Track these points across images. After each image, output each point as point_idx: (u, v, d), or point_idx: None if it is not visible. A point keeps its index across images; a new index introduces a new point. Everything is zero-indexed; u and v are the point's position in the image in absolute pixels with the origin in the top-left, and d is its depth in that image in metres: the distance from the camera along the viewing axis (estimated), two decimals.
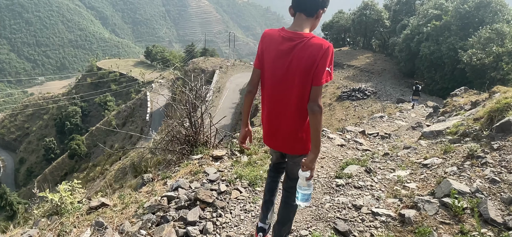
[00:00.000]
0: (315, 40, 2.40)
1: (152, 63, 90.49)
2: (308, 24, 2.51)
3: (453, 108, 10.93)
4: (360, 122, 7.34)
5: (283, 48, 2.47)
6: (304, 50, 2.39)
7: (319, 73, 2.38)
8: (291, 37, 2.46)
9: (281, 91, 2.55)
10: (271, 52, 2.53)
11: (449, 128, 4.34)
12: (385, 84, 29.72)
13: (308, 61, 2.38)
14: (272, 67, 2.55)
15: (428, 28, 28.28)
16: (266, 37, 2.60)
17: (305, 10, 2.49)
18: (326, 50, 2.35)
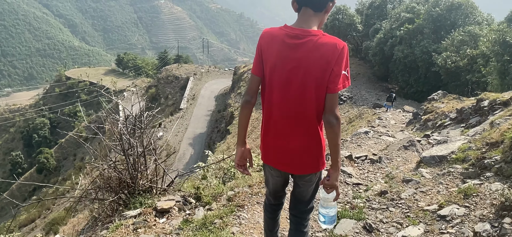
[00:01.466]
0: (327, 39, 2.08)
1: (123, 71, 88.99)
2: (316, 21, 2.16)
3: (436, 116, 10.51)
4: (344, 140, 6.57)
5: (288, 48, 2.12)
6: (315, 50, 2.05)
7: (335, 78, 2.06)
8: (297, 34, 2.11)
9: (289, 100, 2.17)
10: (273, 54, 2.16)
11: (454, 152, 3.69)
12: (361, 89, 29.65)
13: (320, 63, 2.05)
14: (275, 71, 2.18)
15: (401, 31, 28.36)
16: (265, 36, 2.22)
17: (312, 3, 2.13)
18: (341, 51, 2.04)
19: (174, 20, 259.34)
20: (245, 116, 2.39)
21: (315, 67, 2.06)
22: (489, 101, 7.67)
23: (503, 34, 14.57)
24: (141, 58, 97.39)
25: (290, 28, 2.15)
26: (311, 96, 2.11)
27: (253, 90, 2.33)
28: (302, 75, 2.09)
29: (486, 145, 3.31)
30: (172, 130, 45.17)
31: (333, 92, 2.08)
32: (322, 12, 2.17)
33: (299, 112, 2.17)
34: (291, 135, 2.22)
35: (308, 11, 2.14)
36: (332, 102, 2.09)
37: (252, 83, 2.33)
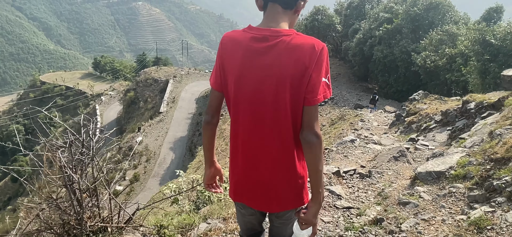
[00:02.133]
0: (302, 38, 1.70)
1: (101, 74, 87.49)
2: (286, 20, 1.80)
3: (420, 118, 10.33)
4: (329, 150, 6.19)
5: (255, 53, 1.73)
6: (288, 52, 1.67)
7: (314, 87, 1.68)
8: (265, 36, 1.73)
9: (260, 119, 1.78)
10: (236, 63, 1.77)
11: (453, 168, 3.37)
12: (341, 89, 29.65)
13: (295, 69, 1.66)
14: (241, 84, 1.78)
15: (380, 31, 28.46)
16: (226, 42, 1.83)
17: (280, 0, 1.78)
18: (320, 53, 1.67)
19: (152, 22, 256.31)
20: (209, 138, 2.03)
21: (290, 75, 1.68)
22: (475, 104, 7.48)
23: (483, 33, 14.62)
24: (119, 61, 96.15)
25: (256, 29, 1.78)
26: (287, 112, 1.73)
27: (214, 108, 1.97)
28: (275, 86, 1.70)
29: (489, 161, 3.00)
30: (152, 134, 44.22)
31: (312, 105, 1.70)
32: (292, 11, 1.82)
33: (273, 133, 1.78)
34: (264, 164, 1.83)
35: (276, 7, 1.79)
36: (311, 117, 1.71)
37: (213, 99, 1.96)
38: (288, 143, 1.77)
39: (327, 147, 6.39)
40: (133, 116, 56.37)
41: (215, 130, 2.02)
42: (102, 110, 63.68)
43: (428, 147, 7.15)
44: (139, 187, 34.28)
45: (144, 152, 39.85)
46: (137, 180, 35.26)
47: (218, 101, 1.95)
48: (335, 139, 10.94)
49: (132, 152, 39.74)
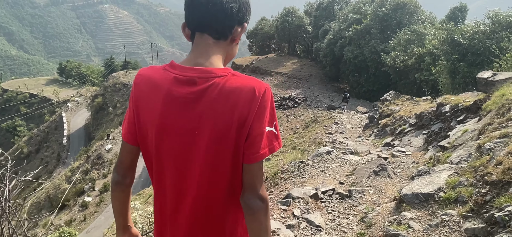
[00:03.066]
0: (239, 80, 1.34)
1: (67, 80, 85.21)
2: (219, 54, 1.42)
3: (394, 121, 10.20)
4: (305, 163, 5.82)
5: (180, 101, 1.35)
6: (222, 99, 1.31)
7: (255, 140, 1.32)
8: (192, 78, 1.35)
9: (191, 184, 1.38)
10: (156, 113, 1.37)
11: (443, 189, 3.07)
12: (314, 90, 29.73)
13: (232, 119, 1.31)
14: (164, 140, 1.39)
15: (350, 32, 28.71)
16: (141, 84, 1.43)
17: (211, 27, 1.39)
18: (262, 98, 1.32)
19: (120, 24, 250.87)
20: (121, 202, 1.61)
21: (226, 127, 1.32)
22: (450, 106, 7.36)
23: (451, 33, 14.79)
24: (85, 66, 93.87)
25: (180, 68, 1.38)
26: (225, 173, 1.38)
27: (126, 165, 1.54)
28: (207, 142, 1.34)
29: (484, 183, 2.71)
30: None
31: (253, 162, 1.35)
32: (226, 41, 1.43)
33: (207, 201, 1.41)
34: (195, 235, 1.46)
35: (206, 38, 1.40)
36: (254, 177, 1.37)
37: (124, 154, 1.54)
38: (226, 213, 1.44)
39: (302, 160, 6.06)
40: (102, 123, 54.86)
41: (128, 191, 1.60)
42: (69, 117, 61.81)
43: (405, 153, 6.96)
44: (109, 197, 33.06)
45: (113, 159, 38.63)
46: (107, 189, 34.02)
47: (132, 157, 1.53)
48: (309, 145, 10.67)
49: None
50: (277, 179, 5.33)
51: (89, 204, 32.38)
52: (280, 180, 5.25)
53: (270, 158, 10.57)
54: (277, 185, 5.05)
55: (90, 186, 35.28)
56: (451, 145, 4.89)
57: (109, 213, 29.96)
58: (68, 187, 36.59)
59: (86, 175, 37.99)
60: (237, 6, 1.38)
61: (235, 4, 1.38)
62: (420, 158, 6.48)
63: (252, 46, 52.44)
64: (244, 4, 1.41)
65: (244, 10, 1.41)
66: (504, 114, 3.92)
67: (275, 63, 40.61)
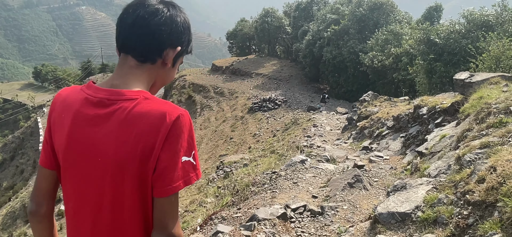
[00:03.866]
0: (150, 106, 1.18)
1: (43, 84, 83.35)
2: (141, 77, 1.28)
3: (372, 123, 10.05)
4: (277, 173, 5.48)
5: (85, 122, 1.23)
6: (126, 125, 1.17)
7: (164, 172, 1.16)
8: (101, 100, 1.22)
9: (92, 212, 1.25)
10: (63, 133, 1.26)
11: (420, 208, 2.79)
12: (294, 91, 29.66)
13: (134, 149, 1.15)
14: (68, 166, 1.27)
15: (328, 33, 28.78)
16: (56, 103, 1.33)
17: (135, 50, 1.27)
18: (174, 126, 1.16)
19: (98, 27, 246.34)
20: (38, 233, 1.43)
21: (128, 156, 1.18)
22: (427, 109, 7.21)
23: (427, 32, 14.83)
24: (62, 69, 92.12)
25: (94, 89, 1.28)
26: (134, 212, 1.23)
27: (42, 192, 1.38)
28: (109, 174, 1.20)
29: (466, 203, 2.44)
30: None
31: (162, 196, 1.19)
32: (154, 64, 1.30)
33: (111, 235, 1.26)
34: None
35: (128, 61, 1.29)
36: (164, 213, 1.21)
37: (39, 179, 1.38)
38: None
39: (275, 171, 5.74)
40: None
41: (48, 222, 1.40)
42: (44, 122, 60.19)
43: (383, 158, 6.76)
44: None
45: None
46: None
47: (48, 183, 1.37)
48: (288, 149, 10.40)
49: None
50: (247, 193, 5.00)
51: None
52: (250, 194, 4.93)
53: (248, 164, 10.26)
54: (247, 200, 4.71)
55: None
56: (429, 151, 4.69)
57: None
58: None
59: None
60: (169, 29, 1.28)
61: (166, 27, 1.28)
62: (398, 163, 6.29)
63: (232, 47, 52.26)
64: (178, 25, 1.31)
65: (179, 33, 1.31)
66: (483, 120, 3.72)
67: (255, 64, 40.42)
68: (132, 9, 1.29)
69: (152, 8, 1.28)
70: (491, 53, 9.57)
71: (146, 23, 1.26)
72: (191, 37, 1.39)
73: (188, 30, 1.36)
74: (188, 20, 1.37)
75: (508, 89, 4.88)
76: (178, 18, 1.32)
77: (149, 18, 1.26)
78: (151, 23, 1.26)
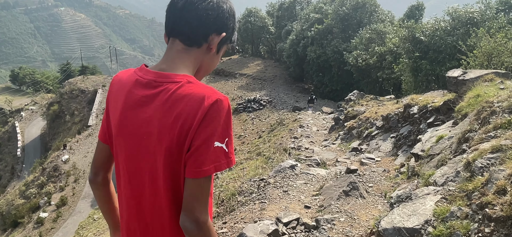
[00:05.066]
0: (191, 89, 1.24)
1: (20, 88, 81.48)
2: (189, 61, 1.35)
3: (360, 123, 9.82)
4: (265, 181, 5.11)
5: (137, 103, 1.32)
6: (169, 107, 1.24)
7: (197, 153, 1.21)
8: (150, 81, 1.32)
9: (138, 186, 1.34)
10: (117, 111, 1.37)
11: (431, 223, 2.46)
12: (279, 91, 29.46)
13: (174, 129, 1.22)
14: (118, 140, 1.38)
15: (312, 32, 28.70)
16: (113, 84, 1.45)
17: (183, 33, 1.34)
18: (211, 108, 1.21)
19: (78, 28, 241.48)
20: (101, 200, 1.61)
21: (168, 135, 1.23)
22: (418, 108, 6.98)
23: (412, 30, 14.75)
24: (40, 72, 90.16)
25: (145, 71, 1.36)
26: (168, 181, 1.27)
27: (98, 163, 1.54)
28: (152, 149, 1.28)
29: (485, 218, 2.16)
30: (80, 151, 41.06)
31: (195, 177, 1.22)
32: (199, 48, 1.36)
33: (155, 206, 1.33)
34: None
35: (176, 45, 1.36)
36: (192, 195, 1.22)
37: (97, 152, 1.56)
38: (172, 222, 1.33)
39: (263, 178, 5.37)
40: (59, 132, 52.31)
41: (106, 190, 1.58)
42: (23, 127, 58.83)
43: (375, 160, 6.50)
44: (67, 212, 31.25)
45: (71, 171, 36.66)
46: (64, 203, 32.14)
47: (103, 155, 1.53)
48: (275, 151, 10.08)
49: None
50: (233, 203, 4.63)
51: (45, 220, 30.41)
52: (237, 205, 4.55)
53: (233, 167, 9.91)
54: (233, 212, 4.33)
55: (45, 201, 33.21)
56: (426, 154, 4.42)
57: (67, 229, 28.17)
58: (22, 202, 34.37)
59: (41, 189, 35.84)
60: (215, 14, 1.35)
61: (213, 11, 1.35)
62: (390, 165, 6.04)
63: None
64: (224, 12, 1.37)
65: (224, 19, 1.37)
66: (487, 120, 3.46)
67: (239, 64, 40.11)
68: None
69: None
70: (483, 49, 9.47)
71: (194, 8, 1.32)
72: (236, 25, 1.45)
73: (233, 18, 1.42)
74: (233, 8, 1.43)
75: (505, 86, 4.67)
76: (225, 5, 1.38)
77: (197, 3, 1.33)
78: (199, 7, 1.32)
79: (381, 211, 3.78)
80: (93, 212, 24.87)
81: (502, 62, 8.94)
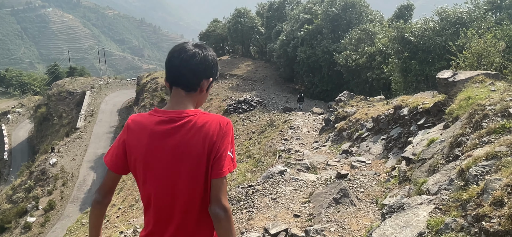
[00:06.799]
0: (208, 117, 1.81)
1: (7, 90, 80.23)
2: (190, 102, 1.88)
3: (351, 125, 9.74)
4: (254, 188, 4.95)
5: (163, 135, 1.80)
6: (196, 131, 1.77)
7: (220, 160, 1.76)
8: (171, 118, 1.81)
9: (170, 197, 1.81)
10: (142, 148, 1.82)
11: (424, 235, 2.34)
12: (269, 92, 29.32)
13: (203, 146, 1.75)
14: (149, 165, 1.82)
15: (302, 33, 28.63)
16: (132, 127, 1.88)
17: (181, 83, 1.86)
18: (226, 128, 1.80)
19: (66, 29, 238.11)
20: (97, 217, 2.00)
21: (199, 151, 1.74)
22: (409, 109, 6.91)
23: (401, 31, 14.72)
24: (27, 74, 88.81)
25: (163, 112, 1.84)
26: (200, 188, 1.77)
27: (108, 187, 1.95)
28: (186, 163, 1.76)
29: (481, 231, 2.03)
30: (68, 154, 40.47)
31: (219, 177, 1.74)
32: (196, 92, 1.87)
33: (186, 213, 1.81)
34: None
35: (179, 91, 1.86)
36: (218, 190, 1.74)
37: (108, 180, 1.95)
38: (199, 218, 1.82)
39: (251, 184, 5.21)
40: (47, 135, 51.49)
41: (105, 210, 2.01)
42: (9, 130, 57.86)
43: (365, 163, 6.40)
44: (56, 216, 30.71)
45: (59, 174, 36.07)
46: (52, 208, 31.59)
47: (113, 183, 1.97)
48: (265, 154, 9.94)
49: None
50: None
51: (32, 225, 29.84)
52: None
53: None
54: None
55: (33, 205, 32.59)
56: (417, 158, 4.33)
57: (55, 233, 27.66)
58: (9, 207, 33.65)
59: (29, 193, 35.19)
60: (204, 66, 1.84)
61: (201, 65, 1.83)
62: (381, 168, 5.95)
63: None
64: (210, 61, 1.86)
65: (210, 67, 1.86)
66: (479, 124, 3.37)
67: (229, 65, 39.89)
68: (177, 54, 1.83)
69: (190, 52, 1.81)
70: (473, 50, 9.45)
71: (188, 64, 1.80)
72: (218, 67, 1.95)
73: (216, 64, 1.91)
74: (215, 56, 1.92)
75: (496, 88, 4.60)
76: (209, 57, 1.86)
77: (189, 60, 1.80)
78: (192, 63, 1.80)
79: (373, 219, 3.68)
80: (81, 216, 24.43)
81: (491, 63, 8.94)
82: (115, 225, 13.76)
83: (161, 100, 37.17)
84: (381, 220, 2.96)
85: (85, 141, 42.30)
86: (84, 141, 42.41)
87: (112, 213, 19.68)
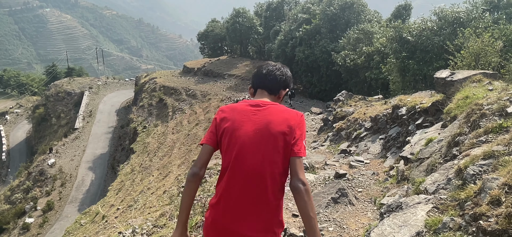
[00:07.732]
0: (283, 107, 2.28)
1: (5, 90, 79.94)
2: (270, 100, 2.37)
3: (349, 125, 9.75)
4: None
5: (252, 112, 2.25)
6: (277, 113, 2.21)
7: (299, 142, 2.12)
8: (258, 103, 2.29)
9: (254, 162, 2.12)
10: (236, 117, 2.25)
11: (422, 234, 2.36)
12: None
13: (284, 125, 2.15)
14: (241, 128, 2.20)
15: (300, 32, 28.64)
16: (225, 109, 2.34)
17: (267, 87, 2.41)
18: (301, 118, 2.22)
19: (63, 29, 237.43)
20: (191, 192, 2.20)
21: (280, 130, 2.12)
22: (407, 109, 6.93)
23: (399, 30, 14.74)
24: (25, 75, 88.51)
25: (250, 101, 2.30)
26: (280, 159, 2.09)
27: (203, 161, 2.22)
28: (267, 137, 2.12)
29: (479, 230, 2.05)
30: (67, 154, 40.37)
31: (298, 156, 2.07)
32: (276, 96, 2.37)
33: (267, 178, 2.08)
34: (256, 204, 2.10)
35: (264, 92, 2.37)
36: (297, 167, 2.06)
37: (204, 153, 2.24)
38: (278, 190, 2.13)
39: None
40: (45, 135, 51.30)
41: (199, 184, 2.20)
42: (7, 131, 57.68)
43: (363, 162, 6.41)
44: (54, 217, 30.64)
45: (58, 175, 35.96)
46: (51, 208, 31.51)
47: (208, 156, 2.23)
48: None
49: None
50: None
51: (31, 226, 29.77)
52: None
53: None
54: None
55: (31, 206, 32.51)
56: (415, 157, 4.33)
57: (54, 234, 27.59)
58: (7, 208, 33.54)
59: (27, 194, 35.10)
60: (284, 78, 2.41)
61: (283, 76, 2.40)
62: (379, 168, 5.96)
63: (204, 48, 51.41)
64: (288, 77, 2.43)
65: (288, 81, 2.43)
66: (476, 123, 3.39)
67: (228, 65, 39.86)
68: (264, 66, 2.41)
69: (274, 67, 2.39)
70: (470, 50, 9.46)
71: (273, 75, 2.36)
72: (292, 82, 2.50)
73: (291, 79, 2.46)
74: (290, 74, 2.45)
75: (493, 87, 4.62)
76: (288, 73, 2.43)
77: (274, 71, 2.37)
78: (276, 74, 2.37)
79: (371, 219, 3.69)
80: (80, 217, 24.36)
81: (489, 62, 8.96)
82: (114, 225, 13.75)
83: (160, 101, 37.11)
84: (379, 219, 2.98)
85: (83, 141, 42.21)
86: (82, 141, 42.30)
87: (111, 213, 19.66)
